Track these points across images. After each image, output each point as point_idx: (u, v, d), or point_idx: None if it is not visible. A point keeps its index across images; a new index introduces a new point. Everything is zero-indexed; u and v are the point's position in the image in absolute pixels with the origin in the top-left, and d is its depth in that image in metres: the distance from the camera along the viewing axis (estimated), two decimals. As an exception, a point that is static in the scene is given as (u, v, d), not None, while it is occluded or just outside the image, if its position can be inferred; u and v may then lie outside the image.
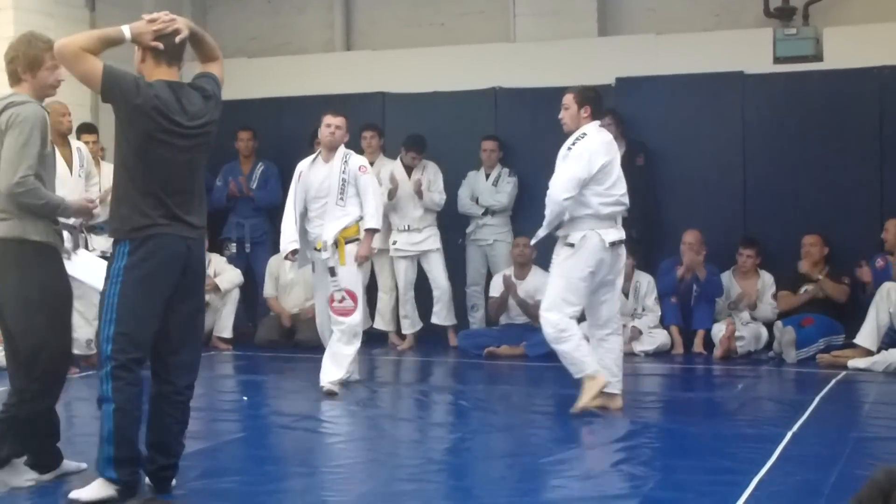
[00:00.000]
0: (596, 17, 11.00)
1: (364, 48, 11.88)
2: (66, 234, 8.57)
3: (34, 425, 5.24)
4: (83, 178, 8.94)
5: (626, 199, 7.13)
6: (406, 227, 10.38)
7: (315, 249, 7.90)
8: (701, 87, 10.40)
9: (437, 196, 10.30)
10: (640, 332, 9.79)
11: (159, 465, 5.07)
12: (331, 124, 8.00)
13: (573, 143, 6.96)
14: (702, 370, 9.24)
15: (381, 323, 10.68)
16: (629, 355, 9.58)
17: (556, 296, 6.95)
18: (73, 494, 4.87)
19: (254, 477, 5.51)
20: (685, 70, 10.39)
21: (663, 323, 9.91)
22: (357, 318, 7.86)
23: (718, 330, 9.52)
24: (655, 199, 10.40)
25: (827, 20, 10.35)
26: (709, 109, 10.40)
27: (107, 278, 4.90)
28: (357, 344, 7.91)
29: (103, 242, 9.29)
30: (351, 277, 7.84)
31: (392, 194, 10.18)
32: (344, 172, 7.88)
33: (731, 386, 8.40)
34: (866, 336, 8.92)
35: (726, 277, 9.94)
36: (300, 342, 10.20)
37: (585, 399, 6.89)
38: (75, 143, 9.08)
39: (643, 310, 9.95)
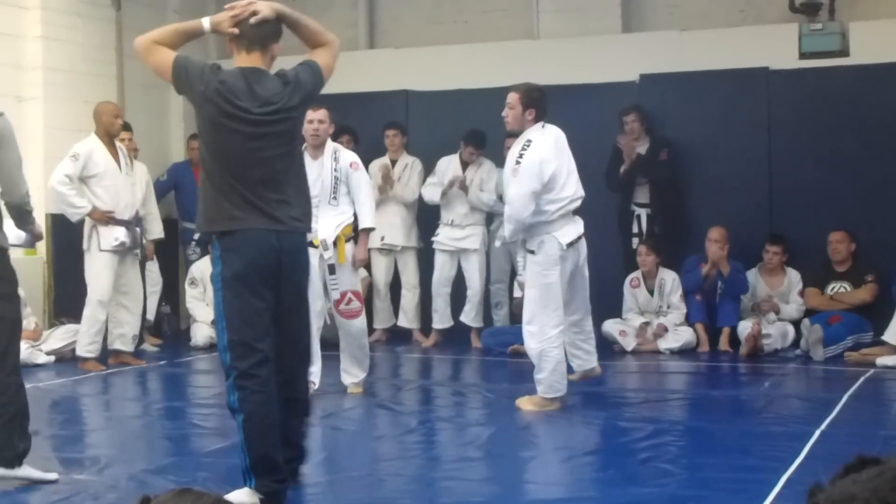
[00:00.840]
0: (620, 14, 10.97)
1: (387, 46, 11.89)
2: (123, 229, 8.87)
3: (27, 416, 5.36)
4: (130, 176, 9.12)
5: (580, 191, 7.11)
6: (450, 222, 10.37)
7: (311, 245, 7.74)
8: (726, 84, 10.35)
9: (486, 196, 10.23)
10: (666, 330, 9.77)
11: (285, 458, 5.07)
12: (312, 120, 7.43)
13: (521, 156, 6.91)
14: (728, 368, 9.19)
15: (405, 321, 10.69)
16: (654, 353, 9.59)
17: (534, 307, 6.98)
18: (228, 496, 4.82)
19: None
20: (710, 66, 10.34)
21: (688, 320, 9.86)
22: (364, 319, 7.78)
23: (744, 327, 9.47)
24: (680, 195, 10.37)
25: (853, 15, 10.29)
26: (734, 106, 10.35)
27: (213, 287, 4.92)
28: (366, 343, 7.86)
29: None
30: (353, 278, 7.72)
31: (444, 193, 10.20)
32: (336, 171, 7.53)
33: (758, 384, 8.36)
34: (895, 333, 8.86)
35: (752, 275, 9.89)
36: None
37: (528, 405, 7.07)
38: (117, 143, 9.22)
39: (668, 307, 9.92)
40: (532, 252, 6.97)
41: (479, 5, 11.63)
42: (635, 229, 10.36)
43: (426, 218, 10.66)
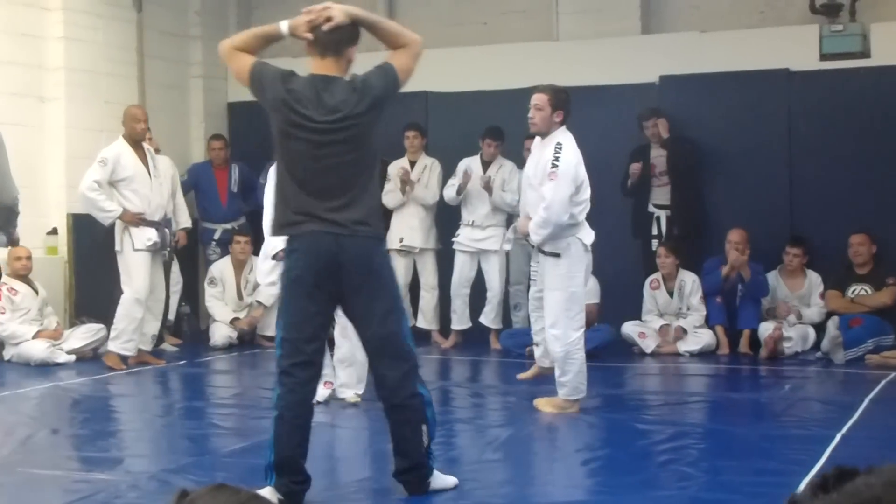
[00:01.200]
0: (639, 15, 10.95)
1: (407, 47, 11.87)
2: (154, 230, 9.00)
3: None
4: (158, 178, 9.20)
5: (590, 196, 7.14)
6: (471, 223, 10.37)
7: None
8: (746, 85, 10.32)
9: (510, 196, 10.18)
10: (685, 332, 9.74)
11: (398, 468, 5.09)
12: None
13: (556, 159, 6.84)
14: (748, 371, 9.17)
15: (424, 322, 10.68)
16: (674, 355, 9.56)
17: (559, 311, 6.94)
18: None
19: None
20: (730, 68, 10.32)
21: (708, 323, 9.83)
22: None
23: (765, 329, 9.43)
24: (700, 197, 10.34)
25: (874, 16, 10.24)
26: (754, 107, 10.32)
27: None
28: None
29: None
30: None
31: (461, 189, 10.18)
32: None
33: (779, 387, 8.33)
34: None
35: (772, 277, 9.85)
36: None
37: (548, 407, 7.05)
38: (145, 145, 9.33)
39: (688, 309, 9.88)
40: (557, 255, 6.94)
41: (499, 7, 11.62)
42: (654, 231, 10.34)
43: (446, 219, 10.66)
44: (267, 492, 4.78)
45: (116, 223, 9.01)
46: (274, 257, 7.25)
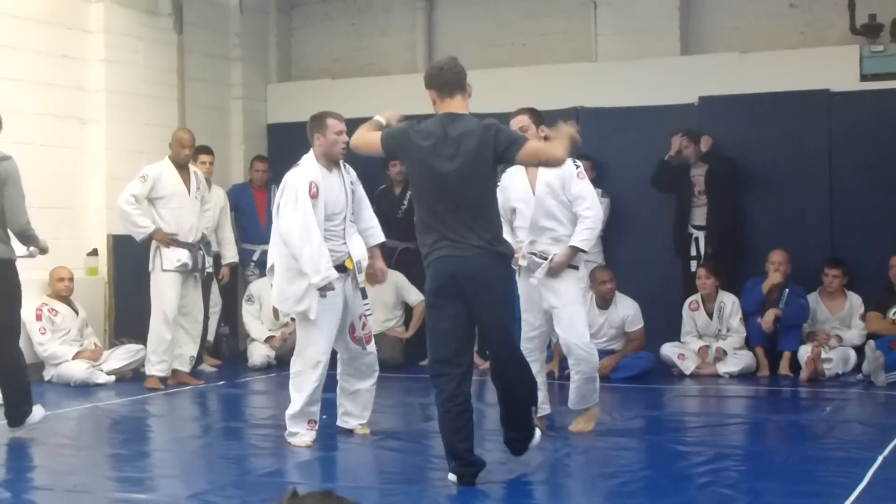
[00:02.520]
0: (678, 36, 10.93)
1: (446, 69, 11.89)
2: (186, 251, 9.13)
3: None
4: (199, 200, 9.30)
5: None
6: None
7: (341, 269, 6.77)
8: (786, 106, 10.28)
9: None
10: (725, 353, 9.66)
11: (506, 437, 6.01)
12: (342, 131, 6.77)
13: (574, 160, 6.79)
14: (788, 392, 9.08)
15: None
16: (713, 377, 9.49)
17: (583, 322, 6.94)
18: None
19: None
20: (770, 88, 10.29)
21: (748, 344, 9.76)
22: (374, 345, 7.19)
23: (805, 351, 9.35)
24: (738, 217, 10.29)
25: (915, 36, 10.18)
26: (794, 128, 10.27)
27: None
28: (377, 373, 7.24)
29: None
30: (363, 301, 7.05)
31: None
32: (351, 184, 6.92)
33: (819, 409, 8.25)
34: (959, 358, 8.72)
35: (813, 299, 9.77)
36: (382, 361, 10.16)
37: (588, 426, 7.05)
38: (192, 168, 9.46)
39: (728, 330, 9.81)
40: (576, 268, 6.89)
41: (538, 28, 11.63)
42: (693, 252, 10.29)
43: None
44: (450, 473, 5.64)
45: (152, 243, 9.12)
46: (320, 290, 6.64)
